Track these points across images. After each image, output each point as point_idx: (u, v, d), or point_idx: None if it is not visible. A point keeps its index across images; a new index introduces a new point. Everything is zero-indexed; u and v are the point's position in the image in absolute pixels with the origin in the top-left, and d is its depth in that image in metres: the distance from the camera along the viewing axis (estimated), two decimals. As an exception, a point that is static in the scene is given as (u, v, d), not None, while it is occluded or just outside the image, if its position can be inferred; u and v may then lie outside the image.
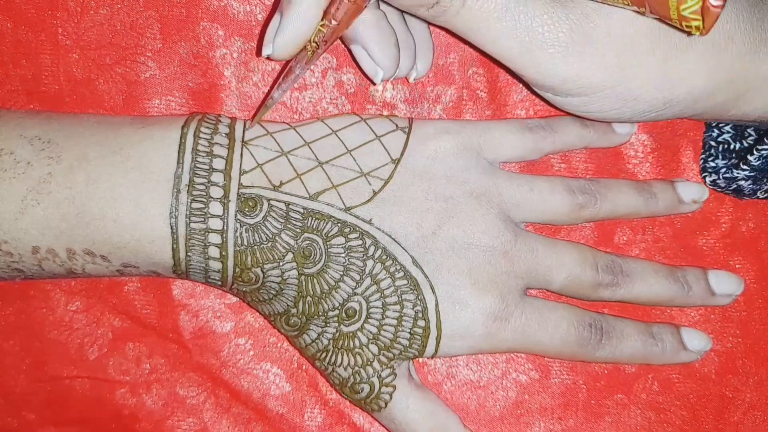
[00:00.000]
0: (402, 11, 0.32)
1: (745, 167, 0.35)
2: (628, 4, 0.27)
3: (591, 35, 0.29)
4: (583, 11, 0.29)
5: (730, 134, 0.37)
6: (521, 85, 0.38)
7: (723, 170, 0.36)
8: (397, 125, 0.35)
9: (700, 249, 0.38)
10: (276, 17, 0.31)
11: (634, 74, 0.30)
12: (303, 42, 0.31)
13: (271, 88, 0.34)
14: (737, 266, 0.38)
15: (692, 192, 0.37)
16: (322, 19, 0.30)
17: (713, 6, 0.24)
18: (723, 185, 0.36)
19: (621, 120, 0.33)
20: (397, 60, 0.33)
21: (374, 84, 0.34)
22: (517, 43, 0.30)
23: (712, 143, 0.37)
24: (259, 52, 0.37)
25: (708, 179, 0.37)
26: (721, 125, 0.37)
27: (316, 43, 0.31)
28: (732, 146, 0.36)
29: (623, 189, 0.36)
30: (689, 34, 0.26)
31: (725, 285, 0.37)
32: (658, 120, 0.32)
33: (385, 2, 0.31)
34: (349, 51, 0.34)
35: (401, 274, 0.34)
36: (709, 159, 0.37)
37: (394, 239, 0.34)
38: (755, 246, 0.38)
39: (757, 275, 0.38)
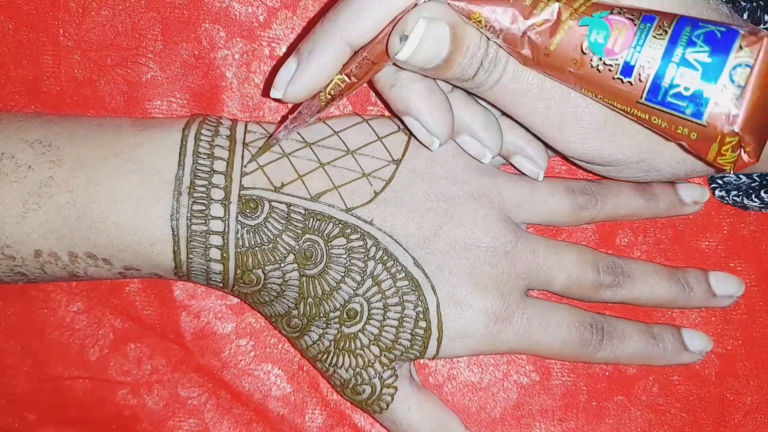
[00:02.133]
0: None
1: (756, 200, 0.36)
2: (668, 139, 0.28)
3: (622, 119, 0.29)
4: None
5: None
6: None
7: (734, 193, 0.36)
8: (399, 126, 0.35)
9: (701, 251, 0.38)
10: (291, 63, 0.30)
11: (659, 151, 0.30)
12: (315, 92, 0.31)
13: (278, 126, 0.33)
14: (738, 269, 0.38)
15: (693, 193, 0.37)
16: (339, 73, 0.30)
17: (747, 161, 0.25)
18: (730, 202, 0.37)
19: (643, 180, 0.33)
20: (452, 125, 0.32)
21: (431, 150, 0.33)
22: (550, 122, 0.30)
23: None
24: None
25: (717, 192, 0.37)
26: None
27: (331, 95, 0.31)
28: None
29: (624, 190, 0.36)
30: (718, 171, 0.28)
31: (726, 286, 0.37)
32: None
33: (428, 76, 0.30)
34: (401, 121, 0.33)
35: (402, 274, 0.34)
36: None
37: (395, 240, 0.34)
38: (756, 248, 0.38)
39: (757, 278, 0.38)
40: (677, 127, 0.25)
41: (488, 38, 0.28)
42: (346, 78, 0.30)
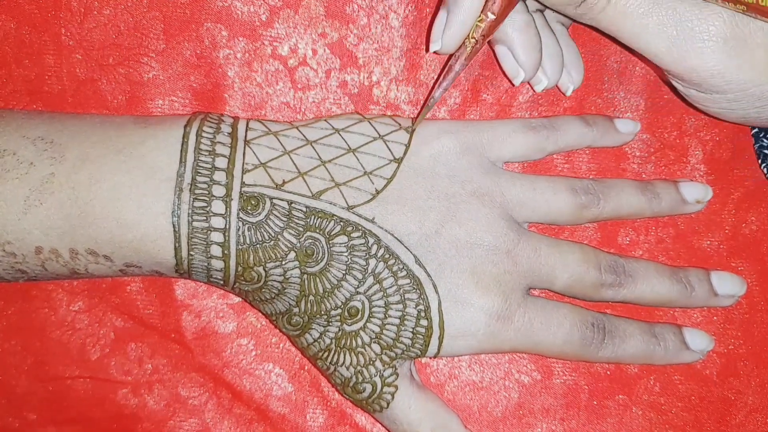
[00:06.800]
0: (553, 11, 0.33)
1: None
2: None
3: (744, 30, 0.28)
4: None
5: None
6: (525, 88, 0.38)
7: None
8: (400, 125, 0.35)
9: (703, 250, 0.38)
10: (441, 14, 0.32)
11: None
12: (466, 35, 0.32)
13: (433, 88, 0.35)
14: (740, 268, 0.38)
15: (695, 192, 0.37)
16: (479, 15, 0.32)
17: None
18: None
19: (757, 124, 0.32)
20: (538, 64, 0.34)
21: (513, 85, 0.36)
22: (665, 38, 0.30)
23: (766, 152, 0.37)
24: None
25: None
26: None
27: (475, 38, 0.32)
28: None
29: (626, 189, 0.36)
30: None
31: (728, 286, 0.37)
32: None
33: (536, 1, 0.32)
34: (493, 51, 0.35)
35: (404, 273, 0.34)
36: None
37: (396, 238, 0.34)
38: (758, 248, 0.38)
39: (759, 277, 0.38)
40: None
41: None
42: (484, 17, 0.32)
